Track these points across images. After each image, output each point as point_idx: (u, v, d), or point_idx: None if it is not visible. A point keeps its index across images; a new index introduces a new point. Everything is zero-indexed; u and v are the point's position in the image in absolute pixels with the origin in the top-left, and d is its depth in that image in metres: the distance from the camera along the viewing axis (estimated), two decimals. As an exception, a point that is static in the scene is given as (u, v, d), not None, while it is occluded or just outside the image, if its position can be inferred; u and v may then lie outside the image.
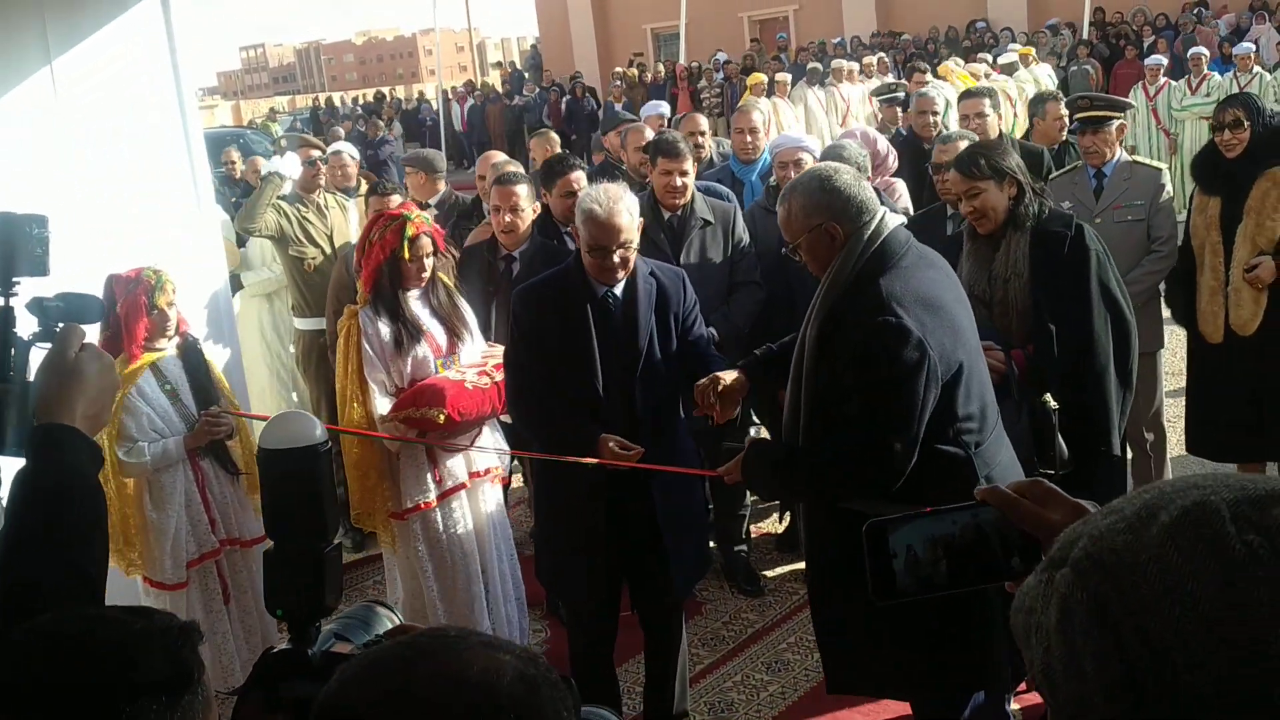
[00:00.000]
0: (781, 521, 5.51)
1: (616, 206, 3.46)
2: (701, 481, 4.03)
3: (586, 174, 5.34)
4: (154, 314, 4.03)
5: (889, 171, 5.98)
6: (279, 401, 6.57)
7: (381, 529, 4.33)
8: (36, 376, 1.67)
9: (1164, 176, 5.14)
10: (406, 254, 4.10)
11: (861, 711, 3.97)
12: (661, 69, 23.67)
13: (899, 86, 10.49)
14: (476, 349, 4.41)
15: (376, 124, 22.07)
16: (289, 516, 1.55)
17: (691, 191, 4.89)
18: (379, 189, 5.58)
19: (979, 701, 3.12)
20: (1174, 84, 12.39)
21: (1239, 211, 4.76)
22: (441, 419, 4.01)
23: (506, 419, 4.43)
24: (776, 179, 5.35)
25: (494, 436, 4.45)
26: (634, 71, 23.35)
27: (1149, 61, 13.18)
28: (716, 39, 26.43)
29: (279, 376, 6.66)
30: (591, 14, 31.34)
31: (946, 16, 24.14)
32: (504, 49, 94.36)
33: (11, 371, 1.74)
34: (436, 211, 6.15)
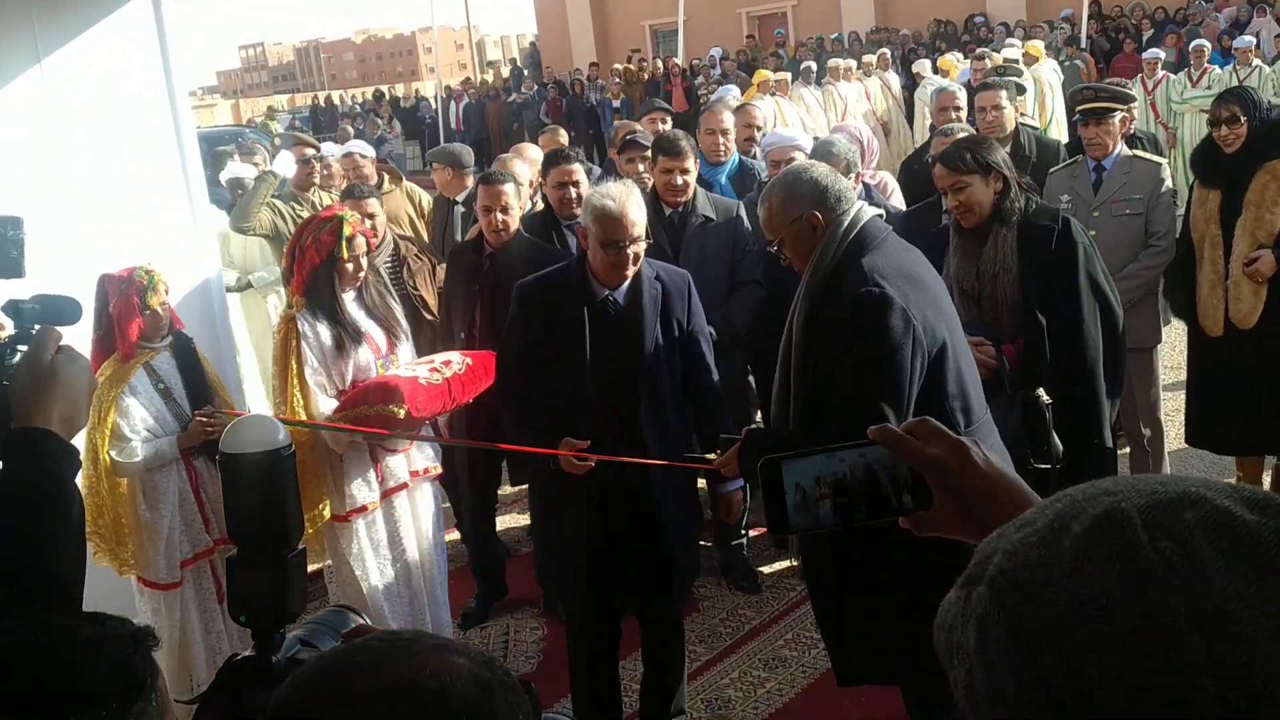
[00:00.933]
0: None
1: (629, 200, 3.46)
2: (694, 485, 4.00)
3: (588, 170, 5.33)
4: (147, 314, 4.01)
5: (872, 165, 5.97)
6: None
7: (312, 537, 4.28)
8: (12, 380, 1.66)
9: (1164, 171, 5.12)
10: (344, 254, 4.12)
11: (859, 707, 3.95)
12: (660, 65, 23.64)
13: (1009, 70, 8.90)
14: (410, 349, 4.43)
15: (375, 122, 22.05)
16: (251, 521, 1.52)
17: (693, 189, 4.87)
18: (355, 192, 5.41)
19: None
20: (1173, 77, 12.37)
21: (1238, 205, 4.75)
22: (402, 414, 4.02)
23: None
24: (768, 178, 5.33)
25: (428, 433, 4.48)
26: (632, 68, 23.32)
27: (1147, 55, 13.16)
28: (715, 35, 26.40)
29: None
30: (590, 11, 31.33)
31: (945, 11, 24.10)
32: (503, 46, 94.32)
33: None
34: (464, 209, 6.11)
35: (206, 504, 4.18)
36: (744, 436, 3.18)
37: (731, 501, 3.84)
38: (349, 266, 4.16)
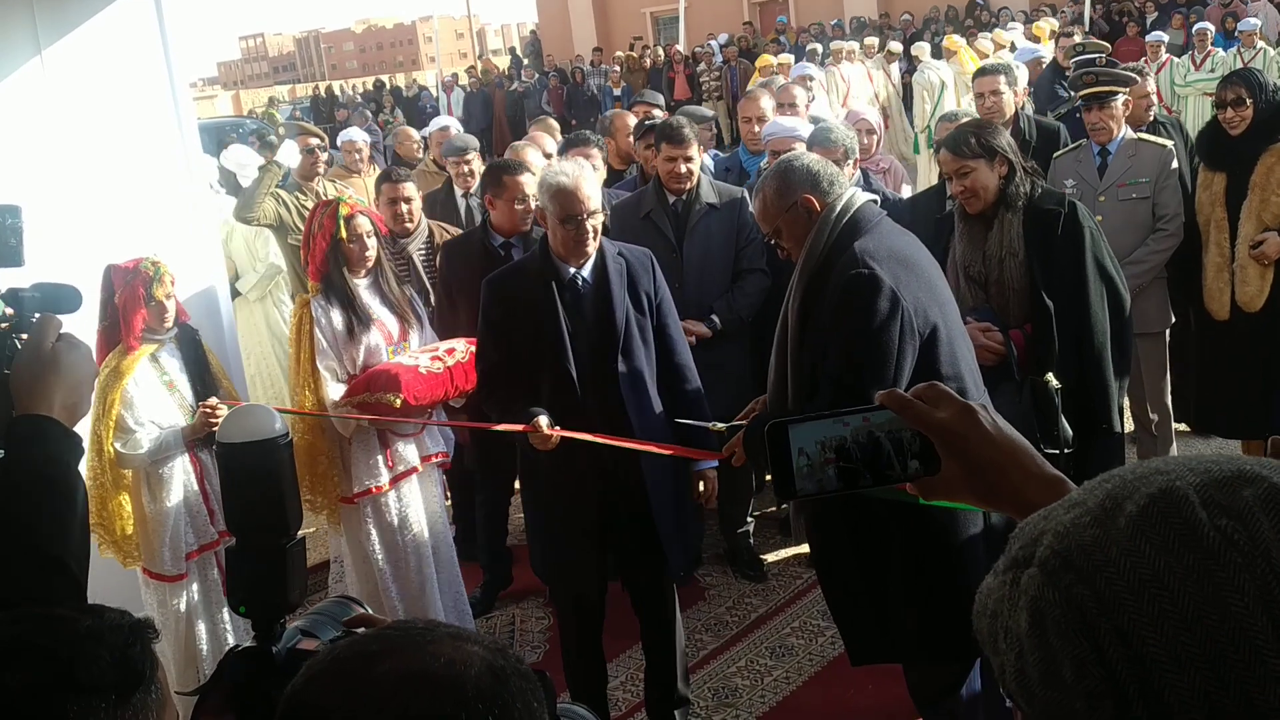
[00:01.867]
0: (784, 506, 5.49)
1: (582, 173, 3.52)
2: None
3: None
4: (152, 305, 4.00)
5: (873, 151, 5.94)
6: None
7: (330, 515, 4.39)
8: (14, 368, 1.65)
9: (1170, 153, 5.09)
10: (345, 234, 4.17)
11: (865, 694, 3.95)
12: (662, 53, 23.58)
13: (1091, 46, 8.11)
14: (426, 337, 4.45)
15: (365, 114, 22.00)
16: (249, 511, 1.52)
17: (697, 176, 4.85)
18: (392, 175, 5.36)
19: (975, 689, 3.10)
20: (1177, 60, 12.32)
21: (1244, 187, 4.73)
22: (398, 403, 4.06)
23: (455, 404, 4.47)
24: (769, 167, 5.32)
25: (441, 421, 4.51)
26: (634, 55, 23.27)
27: (1151, 38, 13.12)
28: (716, 22, 26.33)
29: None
30: (591, -2, 31.29)
31: (947, -4, 24.02)
32: (504, 35, 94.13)
33: None
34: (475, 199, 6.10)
35: (211, 496, 4.18)
36: (748, 425, 3.19)
37: (706, 478, 3.84)
38: (353, 247, 4.21)
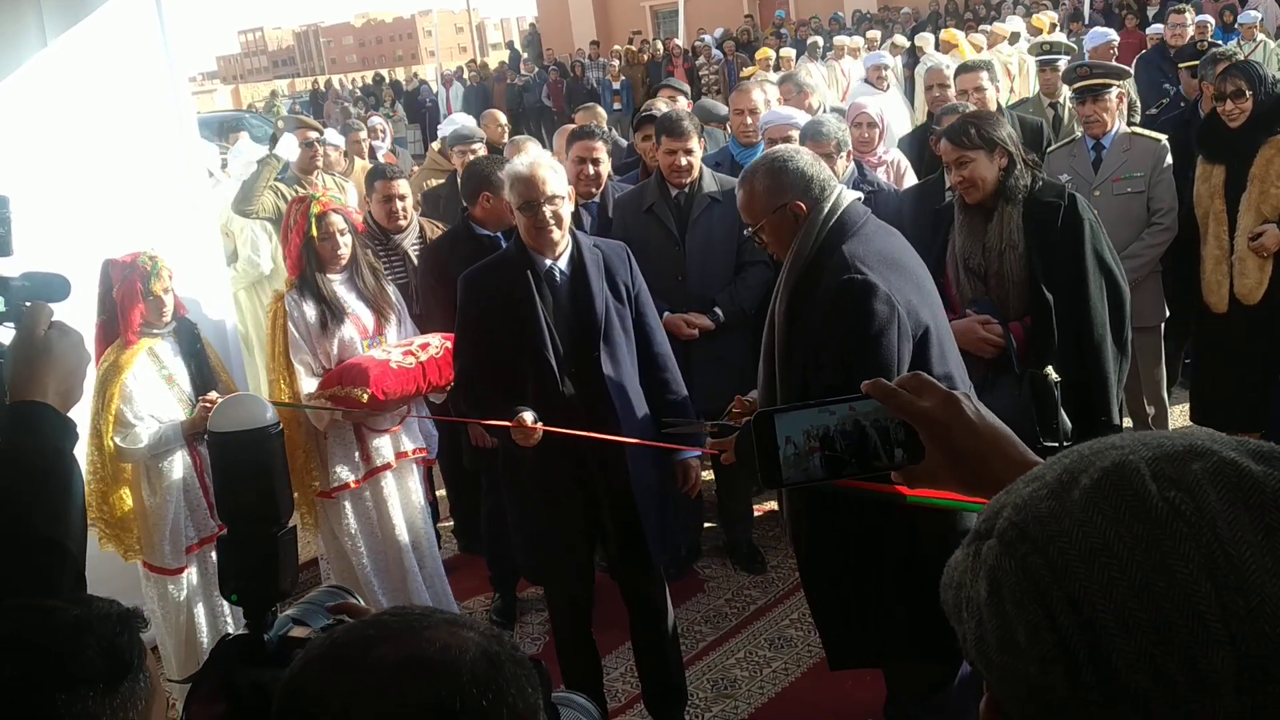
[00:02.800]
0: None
1: (538, 160, 3.55)
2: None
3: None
4: (150, 299, 4.01)
5: (884, 144, 5.93)
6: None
7: (306, 510, 4.41)
8: (6, 356, 1.67)
9: (1164, 147, 5.10)
10: (316, 233, 4.21)
11: (863, 686, 3.96)
12: (661, 47, 23.55)
13: (1057, 46, 8.01)
14: (406, 331, 4.47)
15: (346, 108, 22.02)
16: (241, 500, 1.52)
17: (699, 169, 4.85)
18: (386, 172, 5.38)
19: (966, 672, 3.11)
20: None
21: (1243, 180, 4.73)
22: (365, 398, 4.08)
23: (435, 399, 4.46)
24: None
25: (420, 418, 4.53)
26: (633, 49, 23.24)
27: (1150, 31, 13.08)
28: (716, 16, 26.30)
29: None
30: (590, -9, 31.26)
31: (947, -12, 23.98)
32: (503, 29, 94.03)
33: None
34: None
35: (211, 489, 4.19)
36: (741, 428, 3.18)
37: (688, 467, 3.85)
38: (325, 245, 4.25)
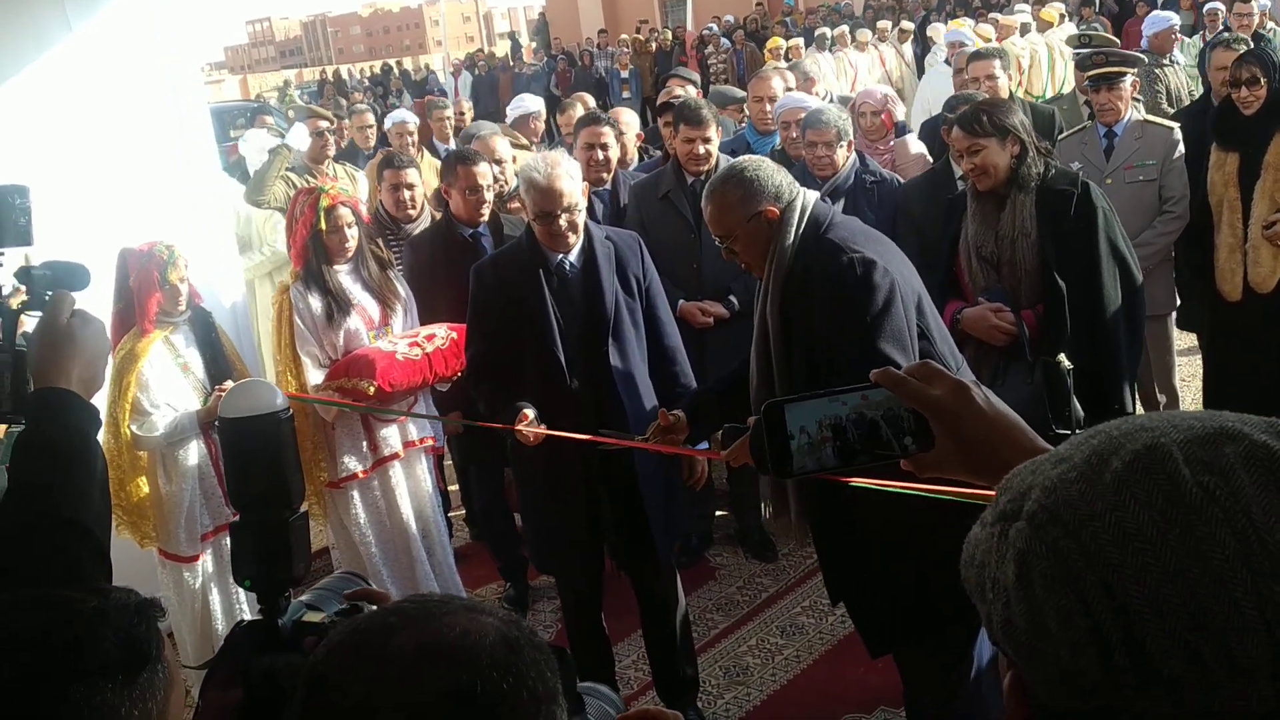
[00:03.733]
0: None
1: (556, 171, 3.50)
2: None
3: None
4: (166, 289, 4.03)
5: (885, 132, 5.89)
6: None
7: (315, 501, 4.42)
8: (30, 343, 1.69)
9: (1176, 134, 5.08)
10: (324, 226, 4.21)
11: (875, 672, 3.97)
12: (670, 35, 23.48)
13: (1098, 39, 7.44)
14: (411, 321, 4.47)
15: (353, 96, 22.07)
16: (252, 486, 1.52)
17: (716, 158, 4.85)
18: (395, 161, 5.40)
19: (982, 666, 3.11)
20: (1187, 40, 12.24)
21: (1257, 167, 4.71)
22: (371, 389, 4.10)
23: (441, 389, 4.47)
24: (781, 142, 5.30)
25: (427, 408, 4.54)
26: (640, 38, 23.19)
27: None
28: (724, 5, 26.20)
29: None
30: (598, -20, 31.18)
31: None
32: (510, 18, 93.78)
33: (2, 340, 1.76)
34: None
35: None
36: (751, 427, 3.17)
37: (694, 460, 3.85)
38: (333, 238, 4.25)
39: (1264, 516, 0.70)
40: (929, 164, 5.38)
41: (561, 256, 3.61)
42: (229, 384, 4.14)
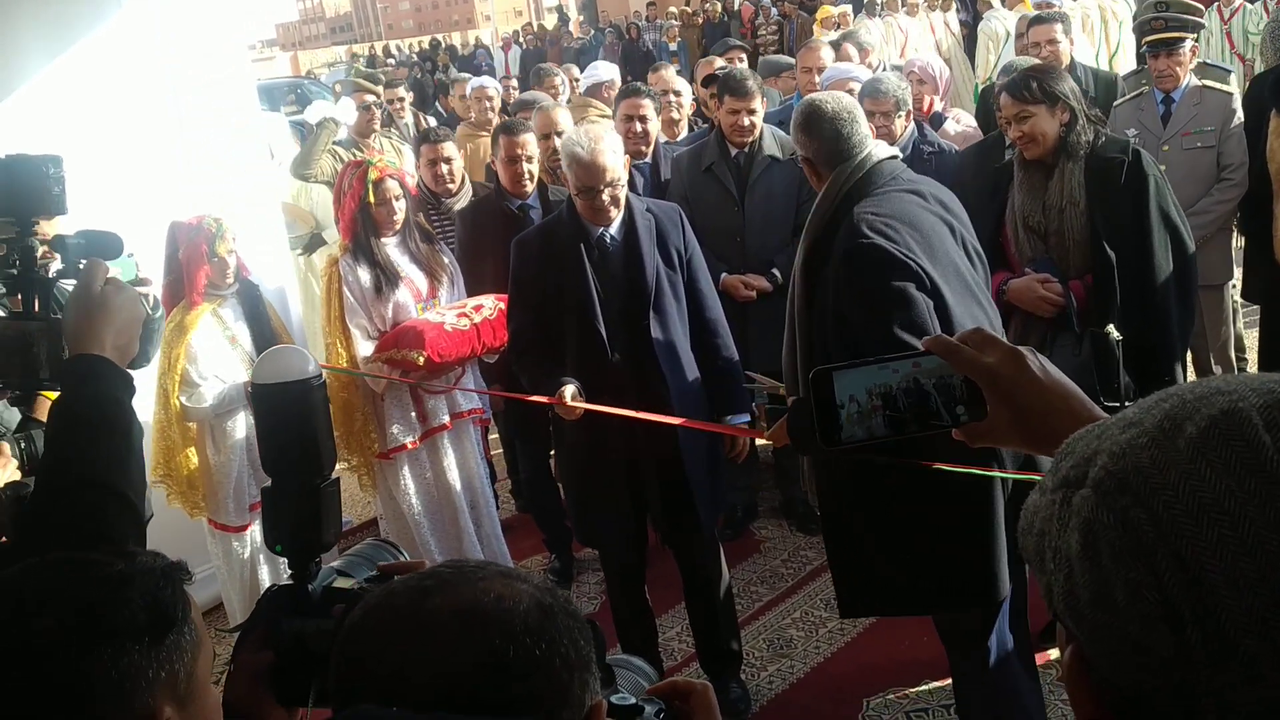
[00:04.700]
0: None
1: (599, 146, 3.48)
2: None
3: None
4: (214, 261, 4.09)
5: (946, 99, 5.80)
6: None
7: (364, 472, 4.47)
8: (65, 311, 1.71)
9: (1235, 101, 4.95)
10: (373, 199, 4.23)
11: (919, 645, 3.96)
12: (720, 6, 23.28)
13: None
14: (458, 293, 4.48)
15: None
16: (284, 452, 1.52)
17: (760, 129, 4.81)
18: (431, 136, 5.40)
19: (1005, 642, 3.08)
20: (1250, 6, 11.93)
21: (1317, 134, 4.58)
22: (421, 360, 4.13)
23: (489, 360, 4.48)
24: None
25: (475, 378, 4.56)
26: (689, 10, 23.01)
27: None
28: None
29: None
30: (646, -48, 30.92)
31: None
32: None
33: (37, 308, 1.78)
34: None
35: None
36: (791, 406, 3.14)
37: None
38: (381, 210, 4.27)
39: None
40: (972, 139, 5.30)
41: (602, 230, 3.60)
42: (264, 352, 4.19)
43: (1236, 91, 5.02)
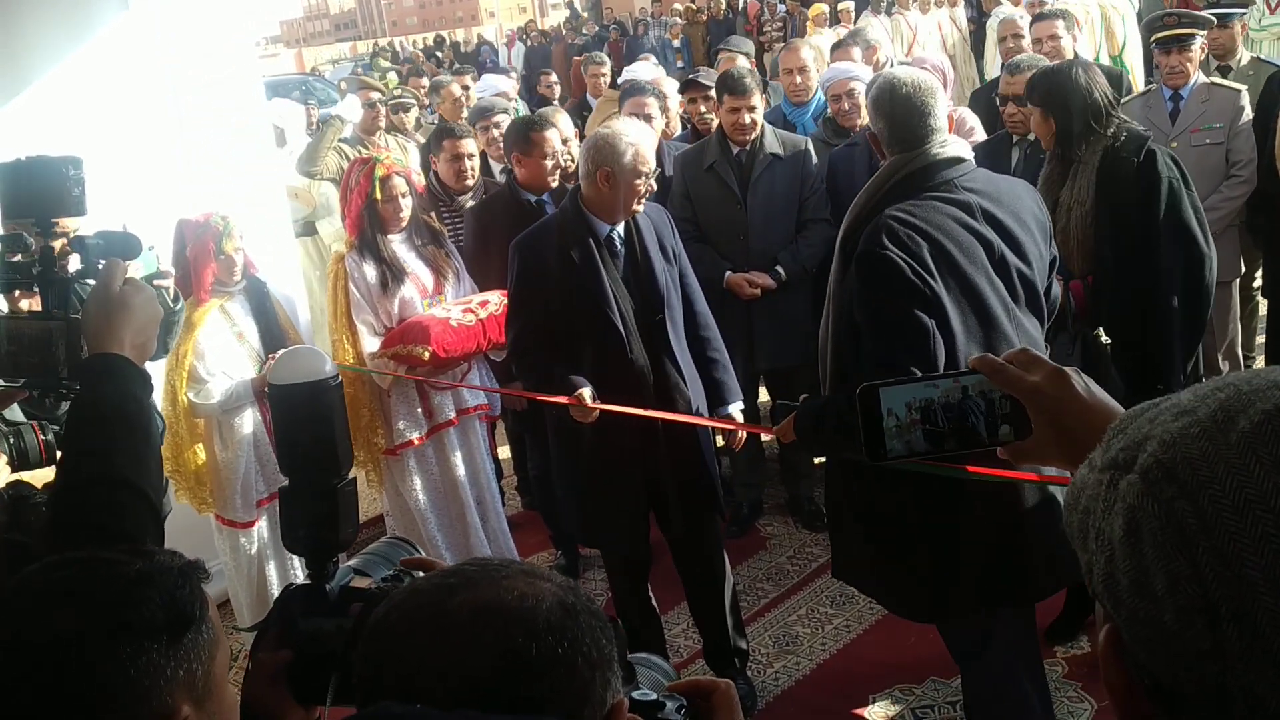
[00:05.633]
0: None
1: (643, 136, 3.54)
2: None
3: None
4: (221, 259, 4.10)
5: (950, 99, 5.79)
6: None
7: (371, 468, 4.46)
8: (84, 311, 1.72)
9: (1243, 98, 4.94)
10: (380, 195, 4.24)
11: (926, 642, 3.95)
12: (724, 3, 23.24)
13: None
14: (464, 289, 4.48)
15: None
16: (301, 451, 1.53)
17: (761, 126, 4.80)
18: (455, 131, 5.27)
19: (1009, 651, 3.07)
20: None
21: (1324, 131, 4.58)
22: (426, 355, 4.13)
23: (495, 356, 4.47)
24: (832, 112, 5.24)
25: (482, 375, 4.55)
26: (693, 7, 22.98)
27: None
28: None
29: None
30: (651, -51, 30.93)
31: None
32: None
33: (56, 308, 1.79)
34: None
35: (279, 444, 4.28)
36: (799, 405, 3.12)
37: (732, 420, 3.83)
38: (388, 208, 4.28)
39: None
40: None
41: (610, 228, 3.60)
42: (282, 353, 4.19)
43: (1244, 89, 5.01)
